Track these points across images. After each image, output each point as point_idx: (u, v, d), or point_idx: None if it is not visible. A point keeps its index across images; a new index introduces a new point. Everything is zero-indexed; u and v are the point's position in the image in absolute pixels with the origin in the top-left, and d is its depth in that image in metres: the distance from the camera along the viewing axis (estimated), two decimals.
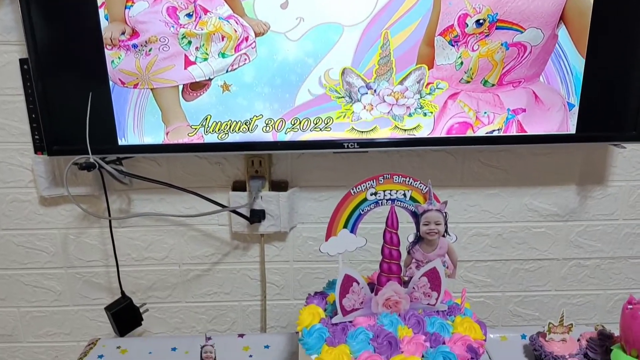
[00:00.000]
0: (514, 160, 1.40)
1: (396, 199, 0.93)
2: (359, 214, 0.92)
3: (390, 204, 0.92)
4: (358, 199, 0.91)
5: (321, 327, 0.93)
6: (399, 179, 0.91)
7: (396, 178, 0.91)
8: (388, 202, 0.92)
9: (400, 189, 0.92)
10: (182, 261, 1.49)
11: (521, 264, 1.50)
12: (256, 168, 1.36)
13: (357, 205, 0.91)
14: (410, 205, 0.94)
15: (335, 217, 0.91)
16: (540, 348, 1.13)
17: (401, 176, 0.91)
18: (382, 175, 0.90)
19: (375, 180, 0.90)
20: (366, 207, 0.92)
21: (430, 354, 0.85)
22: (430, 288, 0.95)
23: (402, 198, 0.93)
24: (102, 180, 1.30)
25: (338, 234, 0.91)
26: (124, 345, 1.26)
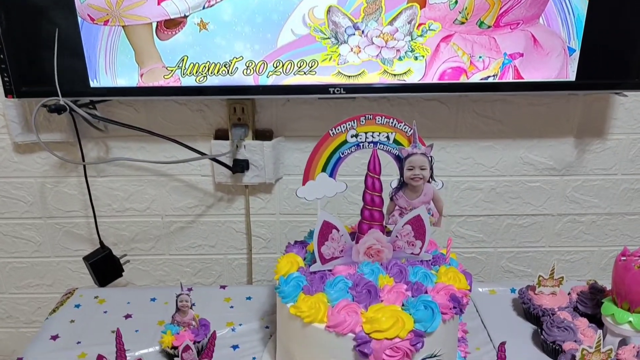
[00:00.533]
0: (510, 111, 1.34)
1: (379, 142, 0.87)
2: (338, 157, 0.86)
3: (372, 147, 0.86)
4: (338, 140, 0.85)
5: (299, 276, 0.89)
6: (382, 119, 0.85)
7: (379, 119, 0.84)
8: (370, 145, 0.87)
9: (384, 130, 0.86)
10: (164, 213, 1.44)
11: (515, 219, 1.45)
12: (239, 115, 1.30)
13: (337, 147, 0.85)
14: (393, 148, 0.88)
15: (312, 160, 0.85)
16: (528, 301, 1.09)
17: (384, 117, 0.85)
18: (364, 116, 0.84)
19: (357, 120, 0.84)
20: (346, 149, 0.86)
21: (411, 302, 0.81)
22: (414, 237, 0.90)
23: (385, 141, 0.87)
24: (75, 124, 1.24)
25: (316, 177, 0.86)
26: (102, 295, 1.23)
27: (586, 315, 1.07)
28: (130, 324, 1.13)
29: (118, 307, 1.17)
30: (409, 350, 0.78)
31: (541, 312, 1.07)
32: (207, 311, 1.14)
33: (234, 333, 1.10)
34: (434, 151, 1.36)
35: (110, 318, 1.14)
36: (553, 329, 0.99)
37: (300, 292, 0.85)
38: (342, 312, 0.80)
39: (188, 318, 1.00)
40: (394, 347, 0.77)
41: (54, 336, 1.09)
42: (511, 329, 1.09)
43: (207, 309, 1.16)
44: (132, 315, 1.15)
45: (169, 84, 1.16)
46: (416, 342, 0.78)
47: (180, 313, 1.00)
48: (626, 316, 0.95)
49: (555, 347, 0.99)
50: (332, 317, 0.80)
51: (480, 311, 1.15)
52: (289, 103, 1.32)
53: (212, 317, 1.11)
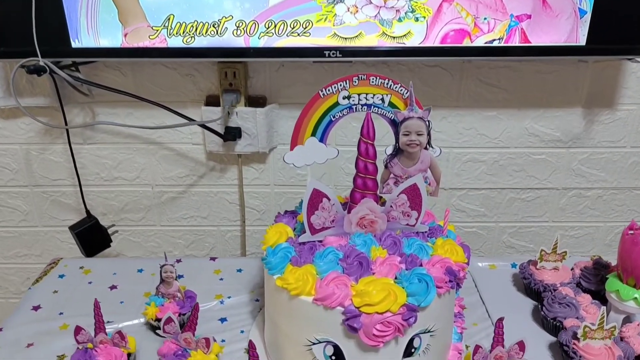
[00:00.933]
0: (516, 78, 1.27)
1: (373, 105, 0.81)
2: (329, 121, 0.80)
3: (365, 110, 0.81)
4: (328, 102, 0.79)
5: (287, 247, 0.84)
6: (377, 80, 0.79)
7: (373, 79, 0.78)
8: (363, 108, 0.81)
9: (378, 92, 0.80)
10: (154, 182, 1.40)
11: (518, 193, 1.40)
12: (230, 81, 1.24)
13: (327, 110, 0.79)
14: (388, 112, 0.82)
15: (301, 123, 0.79)
16: (529, 276, 1.04)
17: (379, 77, 0.79)
18: (357, 76, 0.78)
19: (349, 81, 0.78)
20: (338, 112, 0.81)
21: (404, 275, 0.76)
22: (410, 207, 0.85)
23: (379, 103, 0.81)
24: (56, 87, 1.19)
25: (305, 142, 0.80)
26: (88, 265, 1.19)
27: (589, 291, 1.02)
28: (115, 295, 1.09)
29: (103, 278, 1.13)
30: (401, 325, 0.74)
31: (542, 287, 1.02)
32: (196, 283, 1.10)
33: (222, 306, 1.06)
34: (436, 120, 1.32)
35: (95, 289, 1.10)
36: (554, 305, 0.95)
37: (288, 263, 0.80)
38: (331, 284, 0.76)
39: (173, 289, 0.96)
40: (385, 321, 0.73)
41: (35, 307, 1.05)
42: (511, 305, 1.05)
43: (195, 281, 1.12)
44: (118, 286, 1.11)
45: (155, 44, 1.10)
46: (409, 317, 0.74)
47: (164, 284, 0.96)
48: (631, 292, 0.90)
49: (555, 324, 0.94)
50: (320, 290, 0.75)
51: (479, 286, 1.11)
52: (283, 68, 1.26)
53: (200, 289, 1.07)
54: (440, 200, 1.41)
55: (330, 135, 0.81)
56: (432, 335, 0.80)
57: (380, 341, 0.74)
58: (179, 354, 0.82)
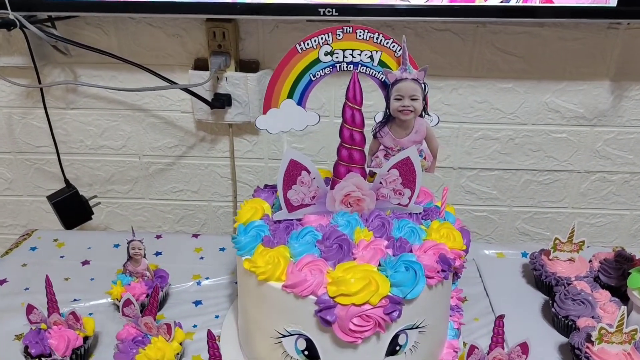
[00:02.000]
0: (536, 46, 1.14)
1: (360, 63, 0.69)
2: (308, 81, 0.69)
3: (351, 69, 0.69)
4: (308, 59, 0.68)
5: (261, 225, 0.74)
6: (365, 34, 0.67)
7: (360, 33, 0.67)
8: (349, 67, 0.69)
9: (366, 48, 0.68)
10: (142, 152, 1.31)
11: (534, 175, 1.27)
12: (219, 42, 1.13)
13: (307, 68, 0.68)
14: (378, 72, 0.70)
15: (275, 83, 0.68)
16: (540, 267, 0.93)
17: (368, 30, 0.67)
18: (342, 28, 0.66)
19: (332, 33, 0.67)
20: (319, 71, 0.69)
21: (389, 262, 0.66)
22: (402, 184, 0.74)
23: (367, 62, 0.69)
24: (28, 44, 1.09)
25: (280, 105, 0.69)
26: (62, 238, 1.11)
27: (609, 287, 0.91)
28: (86, 272, 1.01)
29: (77, 252, 1.06)
30: (382, 319, 0.64)
31: (554, 280, 0.91)
32: (174, 261, 1.02)
33: (198, 287, 0.97)
34: (445, 92, 1.20)
35: (66, 264, 1.03)
36: (567, 302, 0.83)
37: (260, 243, 0.70)
38: (304, 269, 0.66)
39: (141, 268, 0.87)
40: (363, 315, 0.63)
41: (1, 280, 0.98)
42: (518, 299, 0.94)
43: (174, 259, 1.04)
44: (91, 261, 1.04)
45: None
46: (392, 311, 0.63)
47: (132, 262, 0.88)
48: None
49: (568, 323, 0.83)
50: (291, 275, 0.65)
51: (484, 276, 1.00)
52: (277, 30, 1.15)
53: (177, 268, 0.99)
54: (449, 181, 1.30)
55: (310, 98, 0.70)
56: (421, 331, 0.70)
57: (358, 337, 0.64)
58: (138, 340, 0.74)
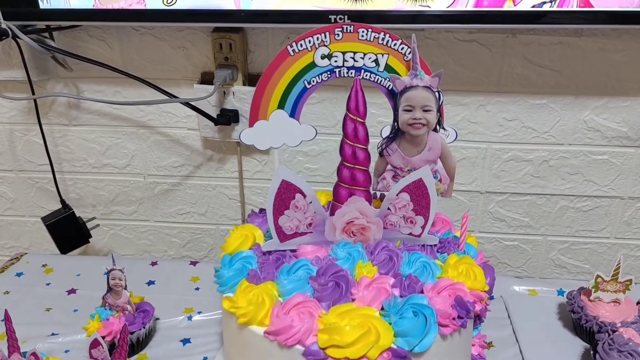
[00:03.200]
0: (573, 57, 1.02)
1: (363, 68, 0.59)
2: (302, 89, 0.60)
3: (353, 74, 0.59)
4: (301, 63, 0.59)
5: (249, 256, 0.64)
6: (368, 33, 0.58)
7: (363, 32, 0.57)
8: (350, 72, 0.59)
9: (370, 51, 0.59)
10: (147, 172, 1.24)
11: (571, 201, 1.14)
12: (225, 54, 1.05)
13: (300, 73, 0.59)
14: (384, 78, 0.60)
15: (263, 91, 0.59)
16: (580, 310, 0.80)
17: (372, 30, 0.57)
18: (340, 27, 0.57)
19: (329, 33, 0.57)
20: (314, 77, 0.60)
21: (395, 305, 0.55)
22: (414, 210, 0.63)
23: (372, 67, 0.60)
24: (21, 54, 1.04)
25: (269, 117, 0.60)
26: (52, 263, 1.04)
27: None
28: (70, 302, 0.93)
29: (64, 279, 0.98)
30: None
31: (597, 326, 0.78)
32: (167, 292, 0.94)
33: (189, 323, 0.87)
34: (471, 109, 1.09)
35: (51, 292, 0.95)
36: (612, 353, 0.70)
37: (244, 278, 0.60)
38: (291, 312, 0.55)
39: (122, 301, 0.78)
40: None
41: None
42: (553, 346, 0.81)
43: (167, 289, 0.95)
44: (77, 290, 0.96)
45: (131, 6, 0.94)
46: None
47: (112, 293, 0.79)
48: None
49: None
50: (275, 320, 0.55)
51: (514, 318, 0.87)
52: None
53: (169, 300, 0.90)
54: (475, 207, 1.18)
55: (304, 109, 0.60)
56: None
57: None
58: None
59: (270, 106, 0.60)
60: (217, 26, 1.04)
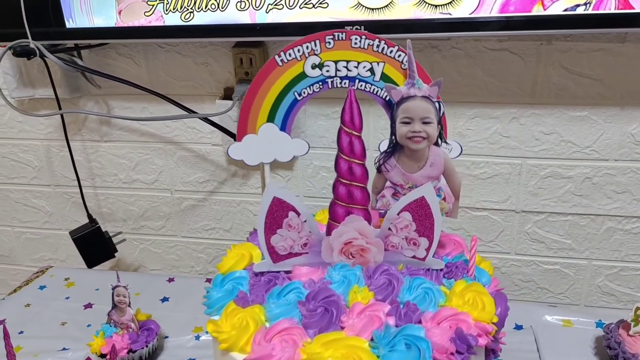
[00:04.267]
0: (616, 65, 0.94)
1: (357, 78, 0.55)
2: (293, 100, 0.57)
3: (347, 85, 0.56)
4: (291, 73, 0.55)
5: (242, 277, 0.61)
6: (362, 40, 0.54)
7: (356, 39, 0.54)
8: (343, 83, 0.56)
9: (365, 59, 0.55)
10: (174, 187, 1.25)
11: (619, 222, 1.05)
12: (246, 69, 1.04)
13: (290, 84, 0.56)
14: (381, 88, 0.56)
15: (251, 103, 0.56)
16: (617, 346, 0.71)
17: (366, 36, 0.53)
18: (332, 34, 0.53)
19: (320, 41, 0.54)
20: (305, 88, 0.56)
21: (386, 336, 0.50)
22: (417, 231, 0.58)
23: (367, 76, 0.55)
24: (48, 72, 1.07)
25: (258, 130, 0.57)
26: (74, 277, 1.05)
27: None
28: (85, 316, 0.93)
29: (83, 294, 0.99)
30: None
31: None
32: (179, 310, 0.92)
33: (196, 342, 0.85)
34: (504, 122, 1.01)
35: (69, 306, 0.96)
36: None
37: (232, 301, 0.57)
38: (274, 339, 0.51)
39: (126, 318, 0.77)
40: None
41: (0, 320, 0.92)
42: None
43: (179, 307, 0.94)
44: (94, 305, 0.96)
45: (151, 22, 0.94)
46: None
47: (117, 310, 0.77)
48: None
49: None
50: (256, 347, 0.51)
51: (543, 352, 0.79)
52: None
53: (179, 318, 0.88)
54: (511, 227, 1.10)
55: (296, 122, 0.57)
56: None
57: None
58: None
59: (259, 119, 0.57)
60: (238, 41, 1.04)
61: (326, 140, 1.12)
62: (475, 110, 1.02)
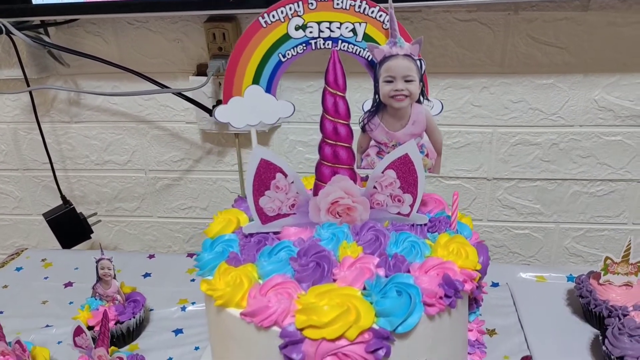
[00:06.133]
0: (580, 33, 0.98)
1: (340, 39, 0.57)
2: (277, 62, 0.58)
3: (330, 46, 0.57)
4: (275, 35, 0.56)
5: (231, 239, 0.62)
6: (344, 2, 0.55)
7: (339, 0, 0.54)
8: (327, 44, 0.57)
9: (347, 20, 0.56)
10: (147, 167, 1.23)
11: (585, 185, 1.09)
12: (219, 44, 1.04)
13: (274, 46, 0.56)
14: (363, 48, 0.58)
15: (236, 65, 0.57)
16: (588, 294, 0.75)
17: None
18: None
19: (302, 2, 0.55)
20: (289, 49, 0.57)
21: (377, 285, 0.52)
22: (401, 188, 0.60)
23: (349, 37, 0.57)
24: (16, 51, 1.04)
25: (244, 92, 0.57)
26: (51, 258, 1.04)
27: None
28: (66, 294, 0.93)
29: (62, 273, 0.98)
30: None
31: (607, 310, 0.73)
32: (162, 284, 0.92)
33: (182, 313, 0.86)
34: (474, 91, 1.04)
35: (48, 285, 0.95)
36: (622, 338, 0.66)
37: (223, 261, 0.58)
38: (269, 293, 0.53)
39: (111, 290, 0.77)
40: (338, 353, 0.49)
41: None
42: (560, 334, 0.76)
43: (162, 281, 0.94)
44: (74, 283, 0.95)
45: None
46: (376, 348, 0.49)
47: (102, 283, 0.77)
48: None
49: None
50: (252, 301, 0.52)
51: (519, 305, 0.83)
52: None
53: (164, 291, 0.89)
54: (482, 194, 1.13)
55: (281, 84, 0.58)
56: None
57: None
58: None
59: (245, 81, 0.58)
60: (210, 15, 1.03)
61: (301, 115, 1.13)
62: (447, 81, 1.04)
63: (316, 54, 0.64)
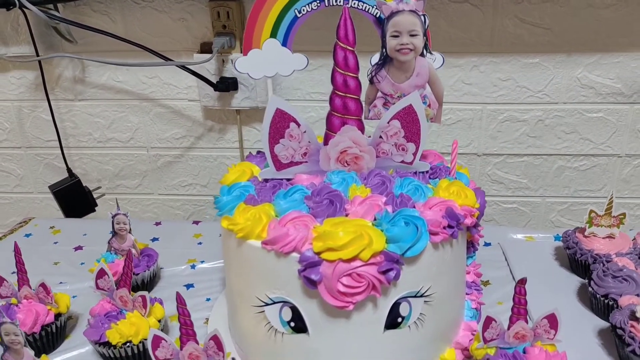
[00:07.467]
0: (564, 14, 1.05)
1: None
2: (293, 17, 0.63)
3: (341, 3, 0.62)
4: None
5: (247, 185, 0.66)
6: None
7: None
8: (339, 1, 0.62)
9: None
10: (149, 144, 1.27)
11: (569, 160, 1.16)
12: (223, 22, 1.08)
13: (290, 2, 0.61)
14: (372, 6, 0.63)
15: (256, 20, 0.62)
16: (574, 245, 0.81)
17: None
18: None
19: None
20: (304, 5, 0.62)
21: (386, 216, 0.57)
22: (405, 137, 0.65)
23: None
24: (28, 24, 1.07)
25: (262, 45, 0.62)
26: (59, 225, 1.07)
27: None
28: (77, 256, 0.96)
29: (71, 239, 1.01)
30: (377, 280, 0.54)
31: (592, 258, 0.79)
32: (170, 247, 0.96)
33: (192, 271, 0.90)
34: (465, 69, 1.10)
35: (58, 249, 0.98)
36: (606, 279, 0.72)
37: (241, 202, 0.63)
38: (288, 225, 0.57)
39: (127, 244, 0.81)
40: (353, 273, 0.54)
41: None
42: (549, 283, 0.82)
43: (170, 244, 0.98)
44: (84, 247, 0.98)
45: None
46: (387, 269, 0.54)
47: (117, 238, 0.81)
48: None
49: (608, 303, 0.71)
50: (272, 231, 0.57)
51: (511, 260, 0.88)
52: None
53: (173, 253, 0.93)
54: (473, 169, 1.19)
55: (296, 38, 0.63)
56: (428, 302, 0.60)
57: (348, 301, 0.55)
58: (111, 314, 0.66)
59: (263, 35, 0.63)
60: None
61: (301, 93, 1.17)
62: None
63: (311, 32, 0.69)
